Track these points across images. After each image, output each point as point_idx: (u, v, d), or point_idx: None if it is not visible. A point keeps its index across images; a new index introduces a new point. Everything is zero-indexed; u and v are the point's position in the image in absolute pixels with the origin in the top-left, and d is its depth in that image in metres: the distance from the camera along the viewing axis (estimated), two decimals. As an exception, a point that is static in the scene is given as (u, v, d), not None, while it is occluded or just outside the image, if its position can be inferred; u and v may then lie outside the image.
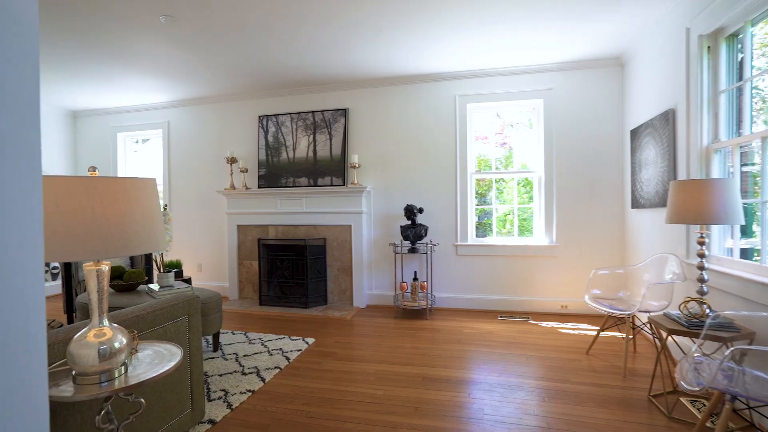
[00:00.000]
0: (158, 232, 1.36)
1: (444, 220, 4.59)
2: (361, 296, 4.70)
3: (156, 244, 1.33)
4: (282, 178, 5.04)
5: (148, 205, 1.31)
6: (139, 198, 1.27)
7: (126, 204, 1.23)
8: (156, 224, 1.35)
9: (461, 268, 4.55)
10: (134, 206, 1.25)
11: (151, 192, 1.33)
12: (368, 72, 4.45)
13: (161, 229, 1.38)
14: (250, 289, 5.13)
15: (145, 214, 1.29)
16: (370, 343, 3.49)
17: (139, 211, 1.27)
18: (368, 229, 4.82)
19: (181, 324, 2.04)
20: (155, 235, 1.33)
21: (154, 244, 1.32)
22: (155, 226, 1.34)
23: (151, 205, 1.33)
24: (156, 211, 1.36)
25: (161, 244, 1.37)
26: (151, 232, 1.31)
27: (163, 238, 1.39)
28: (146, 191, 1.30)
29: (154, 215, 1.35)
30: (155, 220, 1.34)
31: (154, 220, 1.33)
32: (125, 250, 1.21)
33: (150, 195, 1.32)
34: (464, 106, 4.50)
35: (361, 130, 4.86)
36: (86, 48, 3.69)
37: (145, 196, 1.30)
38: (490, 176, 4.65)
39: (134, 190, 1.25)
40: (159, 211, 1.39)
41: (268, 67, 4.28)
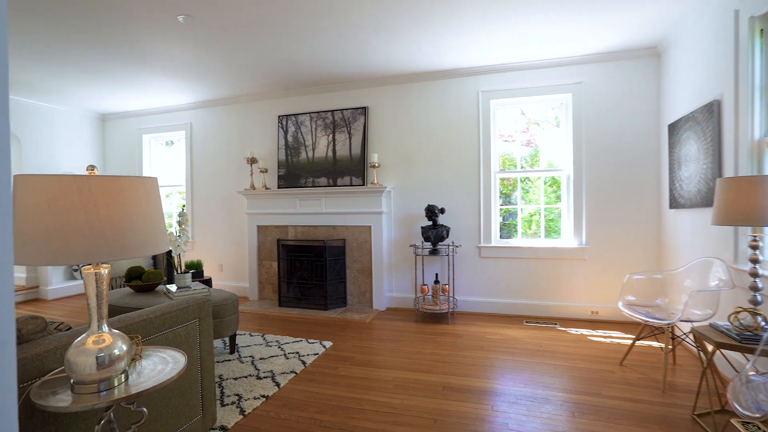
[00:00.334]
0: (158, 234, 1.28)
1: (467, 220, 4.42)
2: (380, 299, 4.59)
3: (155, 246, 1.26)
4: (301, 178, 5.00)
5: (146, 205, 1.24)
6: (136, 197, 1.20)
7: (121, 204, 1.16)
8: (156, 225, 1.28)
9: (484, 270, 4.37)
10: (131, 206, 1.18)
11: (149, 191, 1.26)
12: (388, 69, 4.34)
13: (161, 230, 1.31)
14: (270, 289, 5.11)
15: (143, 215, 1.22)
16: (388, 347, 3.37)
17: (136, 211, 1.20)
18: (388, 229, 4.71)
19: (191, 327, 1.98)
20: (154, 237, 1.26)
21: (154, 246, 1.25)
22: (155, 227, 1.27)
23: (149, 205, 1.25)
24: (156, 211, 1.29)
25: (161, 245, 1.30)
26: (149, 234, 1.24)
27: (163, 240, 1.32)
28: (144, 190, 1.23)
29: (154, 216, 1.27)
30: (155, 221, 1.27)
31: (153, 221, 1.26)
32: (121, 253, 1.14)
33: (148, 194, 1.25)
34: (488, 103, 4.33)
35: (381, 129, 4.76)
36: (110, 52, 3.73)
37: (143, 196, 1.23)
38: (515, 175, 4.46)
39: (131, 189, 1.18)
40: (159, 212, 1.32)
41: (287, 66, 4.23)
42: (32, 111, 5.36)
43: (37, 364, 1.33)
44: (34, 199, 1.07)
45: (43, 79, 4.54)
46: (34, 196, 1.07)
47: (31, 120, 5.36)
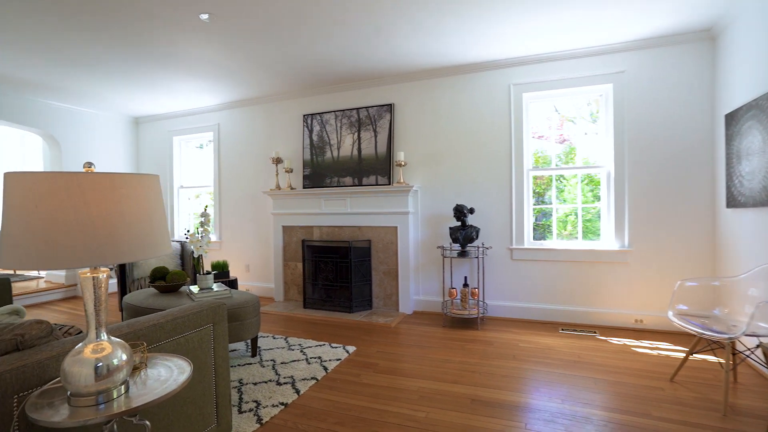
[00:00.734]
0: (157, 235, 1.19)
1: (497, 221, 4.20)
2: (407, 302, 4.44)
3: (154, 248, 1.16)
4: (326, 178, 4.91)
5: (143, 205, 1.14)
6: (132, 196, 1.11)
7: (115, 203, 1.07)
8: (155, 226, 1.18)
9: (517, 273, 4.13)
10: (125, 206, 1.09)
11: (148, 189, 1.16)
12: (415, 64, 4.18)
13: (161, 231, 1.22)
14: (295, 291, 5.06)
15: (140, 215, 1.13)
16: (414, 354, 3.22)
17: (132, 211, 1.10)
18: (415, 230, 4.55)
19: (205, 333, 1.90)
20: (153, 239, 1.17)
21: (152, 249, 1.15)
22: (154, 228, 1.18)
23: (147, 205, 1.16)
24: (155, 211, 1.20)
25: (161, 248, 1.20)
26: (147, 235, 1.15)
27: (164, 242, 1.23)
28: (141, 189, 1.14)
29: (153, 216, 1.18)
30: (154, 222, 1.18)
31: (152, 222, 1.17)
32: (114, 257, 1.05)
33: (147, 193, 1.16)
34: (520, 96, 4.09)
35: (407, 126, 4.60)
36: (140, 55, 3.77)
37: (140, 194, 1.13)
38: (550, 172, 4.19)
39: (125, 187, 1.09)
40: (159, 212, 1.23)
41: (311, 63, 4.15)
42: (71, 115, 5.55)
43: (38, 371, 1.27)
44: (21, 198, 1.00)
45: (81, 84, 4.68)
46: (21, 195, 1.00)
47: (70, 124, 5.55)
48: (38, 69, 4.20)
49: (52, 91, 4.95)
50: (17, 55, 3.84)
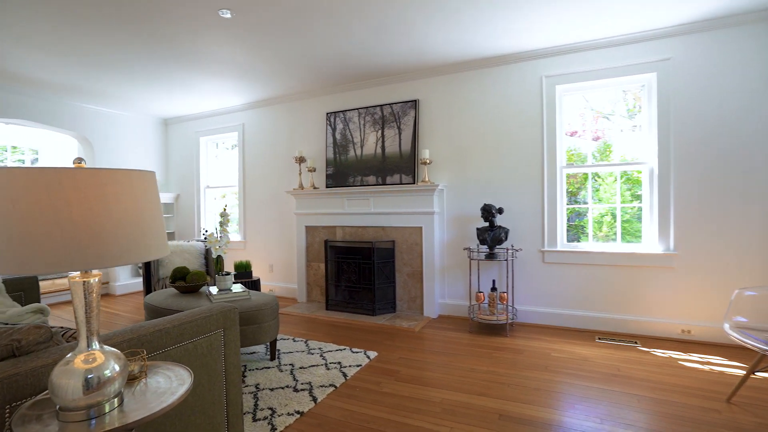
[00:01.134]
0: (151, 237, 1.09)
1: (528, 221, 3.96)
2: (432, 305, 4.27)
3: (147, 251, 1.07)
4: (350, 177, 4.81)
5: (134, 204, 1.05)
6: (122, 194, 1.01)
7: (100, 202, 0.97)
8: (149, 227, 1.09)
9: (549, 277, 3.89)
10: (112, 205, 0.99)
11: (139, 187, 1.07)
12: (440, 57, 4.00)
13: (156, 233, 1.12)
14: (318, 292, 4.98)
15: (131, 215, 1.03)
16: (438, 362, 3.05)
17: (121, 210, 1.01)
18: (440, 231, 4.37)
19: (215, 338, 1.81)
20: (146, 241, 1.07)
21: (144, 252, 1.06)
22: (147, 230, 1.08)
23: (139, 204, 1.06)
24: (149, 210, 1.10)
25: (155, 251, 1.10)
26: (139, 238, 1.05)
27: (159, 245, 1.13)
28: (132, 186, 1.04)
29: (146, 216, 1.08)
30: (147, 223, 1.08)
31: (145, 223, 1.07)
32: (98, 261, 0.96)
33: (138, 191, 1.06)
34: (552, 89, 3.84)
35: (432, 123, 4.43)
36: (166, 56, 3.78)
37: (130, 192, 1.04)
38: (585, 170, 3.91)
39: (112, 185, 1.00)
40: (153, 212, 1.13)
41: (333, 60, 4.05)
42: (104, 118, 5.70)
43: (32, 380, 1.20)
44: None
45: (113, 87, 4.77)
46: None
47: (103, 126, 5.70)
48: (73, 73, 4.30)
49: (86, 95, 5.08)
50: (54, 60, 3.94)
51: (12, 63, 4.04)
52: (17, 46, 3.62)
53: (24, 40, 3.48)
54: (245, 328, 2.75)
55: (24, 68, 4.17)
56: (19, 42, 3.53)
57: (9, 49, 3.71)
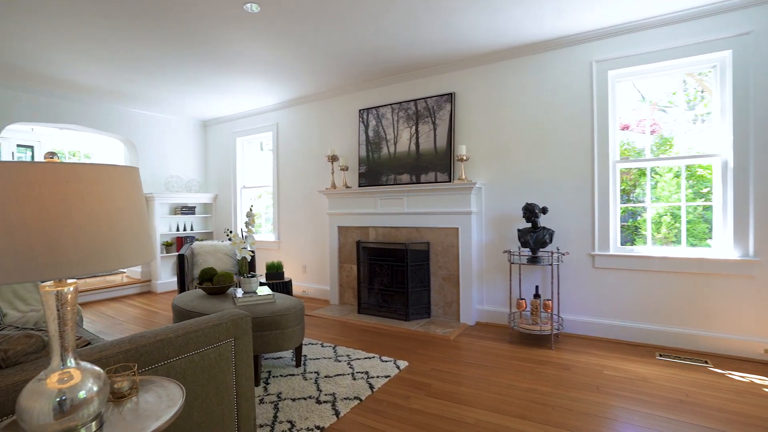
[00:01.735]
0: (126, 243, 0.95)
1: (575, 222, 3.60)
2: (469, 311, 4.00)
3: (118, 258, 0.93)
4: (382, 176, 4.63)
5: (103, 205, 0.91)
6: (86, 193, 0.88)
7: (58, 202, 0.84)
8: (122, 233, 0.95)
9: (600, 284, 3.50)
10: (74, 206, 0.86)
11: (110, 186, 0.93)
12: (477, 46, 3.72)
13: (133, 238, 0.98)
14: (350, 294, 4.84)
15: (97, 219, 0.89)
16: (474, 375, 2.79)
17: (84, 213, 0.87)
18: (478, 232, 4.08)
19: (224, 348, 1.68)
20: (118, 247, 0.93)
21: (115, 259, 0.92)
22: (118, 236, 0.94)
23: (110, 204, 0.93)
24: (125, 213, 0.96)
25: (133, 258, 0.96)
26: (109, 243, 0.91)
27: (137, 250, 0.99)
28: (100, 185, 0.91)
29: (118, 220, 0.94)
30: (119, 227, 0.94)
31: (115, 227, 0.93)
32: (53, 270, 0.82)
33: (108, 190, 0.92)
34: (604, 75, 3.45)
35: (469, 117, 4.15)
36: (195, 58, 3.78)
37: (98, 192, 0.90)
38: (642, 164, 3.49)
39: (75, 182, 0.86)
40: (132, 214, 0.99)
41: (364, 54, 3.88)
42: (146, 121, 5.89)
43: (13, 395, 1.11)
44: (-53, 196, 0.80)
45: (154, 91, 4.89)
46: (-52, 192, 0.80)
47: (146, 129, 5.89)
48: (117, 78, 4.44)
49: (130, 99, 5.25)
50: (101, 67, 4.10)
51: (65, 71, 4.22)
52: (70, 54, 3.76)
53: (75, 49, 3.59)
54: (268, 334, 2.63)
55: (74, 75, 4.35)
56: (72, 51, 3.66)
57: (64, 58, 3.87)
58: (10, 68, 4.14)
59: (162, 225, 5.92)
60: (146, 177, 5.89)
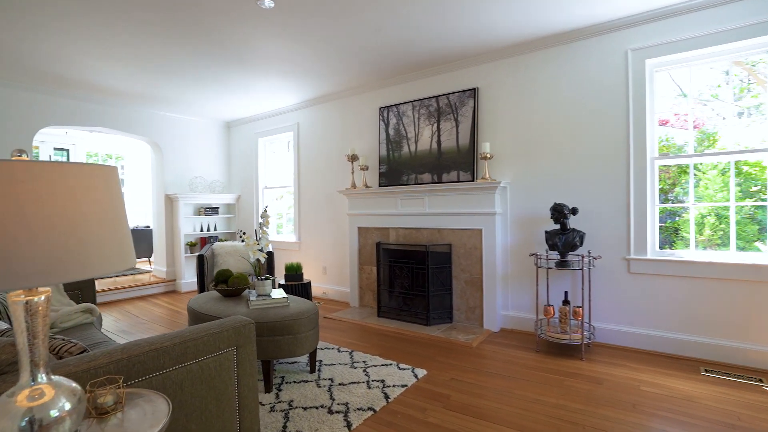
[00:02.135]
0: (93, 249, 0.87)
1: (608, 224, 3.35)
2: (493, 317, 3.80)
3: (80, 269, 0.84)
4: (403, 175, 4.50)
5: (63, 209, 0.82)
6: (44, 196, 0.79)
7: (11, 204, 0.75)
8: (87, 240, 0.86)
9: (636, 291, 3.24)
10: (28, 209, 0.77)
11: (73, 187, 0.84)
12: (502, 37, 3.53)
13: (102, 246, 0.89)
14: (370, 297, 4.73)
15: (56, 224, 0.81)
16: (497, 387, 2.62)
17: (40, 217, 0.79)
18: (503, 234, 3.88)
19: (225, 358, 1.60)
20: (79, 258, 0.84)
21: (74, 270, 0.83)
22: (83, 243, 0.85)
23: (75, 207, 0.84)
24: (92, 217, 0.88)
25: (96, 268, 0.87)
26: (63, 254, 0.82)
27: (106, 259, 0.90)
28: (61, 185, 0.82)
29: (84, 225, 0.86)
30: (84, 234, 0.85)
31: (78, 234, 0.84)
32: (5, 281, 0.74)
33: (71, 192, 0.84)
34: (641, 64, 3.19)
35: (493, 113, 3.96)
36: (213, 58, 3.77)
37: (59, 193, 0.81)
38: (684, 161, 3.21)
39: (31, 182, 0.77)
40: (101, 218, 0.90)
41: (384, 49, 3.76)
42: (171, 123, 5.98)
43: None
44: None
45: (178, 93, 4.95)
46: None
47: (171, 131, 5.98)
48: (142, 81, 4.52)
49: (155, 101, 5.33)
50: (127, 70, 4.19)
51: (93, 75, 4.33)
52: (99, 59, 3.85)
53: (103, 52, 3.66)
54: (280, 339, 2.55)
55: (102, 79, 4.45)
56: (99, 55, 3.75)
57: (92, 62, 3.97)
58: (41, 74, 4.26)
59: (186, 225, 6.00)
60: (171, 178, 5.98)
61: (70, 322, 2.64)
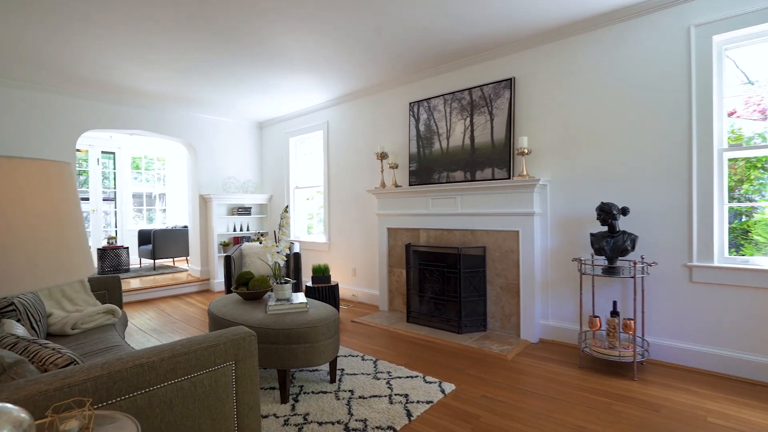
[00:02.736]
0: (25, 259, 0.73)
1: (665, 226, 2.95)
2: (531, 326, 3.49)
3: (19, 282, 0.70)
4: (434, 173, 4.26)
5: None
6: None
7: None
8: (18, 248, 0.72)
9: (699, 303, 2.83)
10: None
11: (8, 185, 0.70)
12: (541, 20, 3.22)
13: (48, 252, 0.75)
14: (400, 300, 4.53)
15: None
16: (534, 408, 2.34)
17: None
18: (542, 236, 3.56)
19: (222, 373, 1.46)
20: (16, 265, 0.70)
21: (9, 282, 0.69)
22: (18, 249, 0.71)
23: (6, 210, 0.70)
24: (23, 221, 0.74)
25: (41, 279, 0.74)
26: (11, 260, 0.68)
27: (60, 269, 0.76)
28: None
29: (16, 231, 0.72)
30: (16, 241, 0.72)
31: (11, 238, 0.71)
32: None
33: (6, 191, 0.70)
34: (707, 42, 2.78)
35: (532, 104, 3.64)
36: (242, 53, 3.71)
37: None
38: (762, 152, 2.76)
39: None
40: (47, 223, 0.77)
41: (413, 40, 3.55)
42: (205, 124, 6.07)
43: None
44: None
45: (212, 94, 4.99)
46: None
47: (205, 132, 6.07)
48: (177, 83, 4.57)
49: (189, 103, 5.41)
50: (162, 72, 4.25)
51: (130, 79, 4.43)
52: (136, 63, 3.94)
53: (139, 57, 3.73)
54: (296, 347, 2.40)
55: (138, 82, 4.55)
56: (136, 60, 3.83)
57: (130, 67, 4.06)
58: (83, 79, 4.40)
59: (219, 225, 6.06)
60: (205, 178, 6.06)
61: (91, 323, 2.63)
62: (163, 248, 6.92)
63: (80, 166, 7.67)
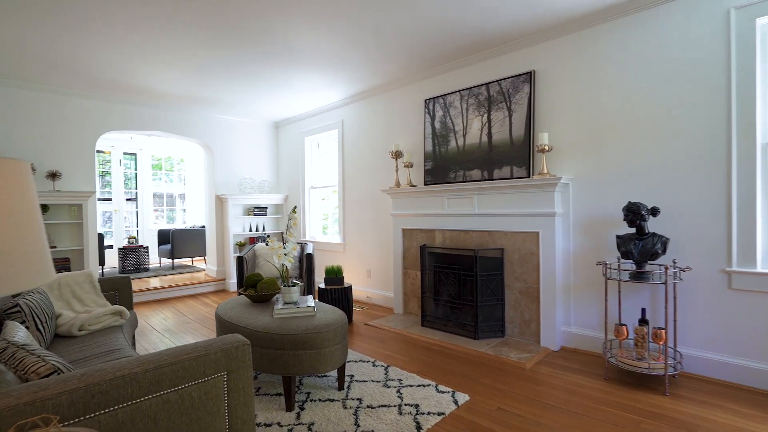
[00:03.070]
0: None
1: (700, 227, 2.72)
2: (551, 333, 3.31)
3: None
4: (450, 172, 4.11)
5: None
6: None
7: None
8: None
9: (739, 312, 2.59)
10: None
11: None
12: (563, 9, 3.03)
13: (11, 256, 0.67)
14: (415, 303, 4.40)
15: None
16: (554, 424, 2.17)
17: None
18: (564, 238, 3.37)
19: (212, 385, 1.37)
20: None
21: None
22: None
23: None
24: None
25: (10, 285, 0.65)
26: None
27: (11, 276, 0.68)
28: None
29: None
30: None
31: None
32: None
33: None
34: (749, 25, 2.54)
35: (553, 99, 3.45)
36: (256, 51, 3.66)
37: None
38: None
39: None
40: (14, 224, 0.68)
41: (428, 32, 3.41)
42: (220, 124, 6.08)
43: None
44: None
45: (228, 95, 4.99)
46: None
47: (220, 132, 6.08)
48: (193, 84, 4.59)
49: (205, 103, 5.42)
50: (177, 74, 4.28)
51: (147, 80, 4.47)
52: (152, 64, 3.97)
53: (156, 58, 3.75)
54: (301, 353, 2.31)
55: (155, 83, 4.58)
56: (153, 61, 3.86)
57: (146, 68, 4.09)
58: (103, 81, 4.45)
59: (235, 225, 6.07)
60: (221, 178, 6.08)
61: (98, 325, 2.61)
62: (181, 248, 6.99)
63: (103, 167, 7.84)
